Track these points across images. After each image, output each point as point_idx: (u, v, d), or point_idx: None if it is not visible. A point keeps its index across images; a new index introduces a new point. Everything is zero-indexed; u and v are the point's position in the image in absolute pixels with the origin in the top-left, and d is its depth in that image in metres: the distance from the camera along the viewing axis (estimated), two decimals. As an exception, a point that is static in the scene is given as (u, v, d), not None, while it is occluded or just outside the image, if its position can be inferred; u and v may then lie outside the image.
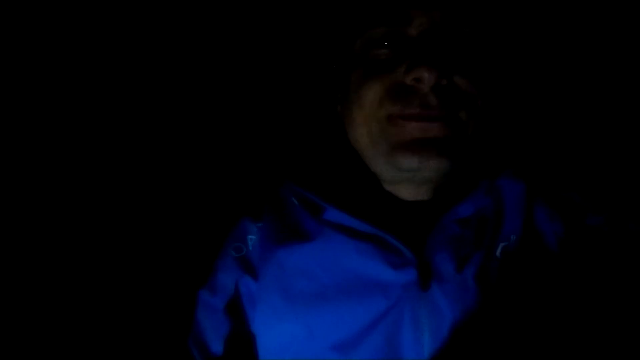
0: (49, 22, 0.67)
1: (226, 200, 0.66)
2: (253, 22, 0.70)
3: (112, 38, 0.69)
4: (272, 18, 0.68)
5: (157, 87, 0.71)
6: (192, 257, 0.62)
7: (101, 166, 0.69)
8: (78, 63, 0.69)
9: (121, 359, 0.60)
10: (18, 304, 0.61)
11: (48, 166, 0.68)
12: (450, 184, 0.50)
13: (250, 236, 0.55)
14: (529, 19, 0.58)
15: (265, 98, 0.70)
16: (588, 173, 0.54)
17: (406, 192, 0.51)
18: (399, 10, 0.46)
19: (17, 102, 0.67)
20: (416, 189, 0.50)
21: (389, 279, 0.47)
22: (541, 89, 0.64)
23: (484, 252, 0.47)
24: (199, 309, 0.54)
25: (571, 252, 0.47)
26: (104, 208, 0.68)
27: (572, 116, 0.64)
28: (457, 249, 0.47)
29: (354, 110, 0.49)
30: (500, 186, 0.51)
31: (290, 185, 0.55)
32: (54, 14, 0.67)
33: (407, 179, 0.49)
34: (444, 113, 0.45)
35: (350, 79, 0.50)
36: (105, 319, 0.63)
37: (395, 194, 0.51)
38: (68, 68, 0.69)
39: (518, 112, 0.60)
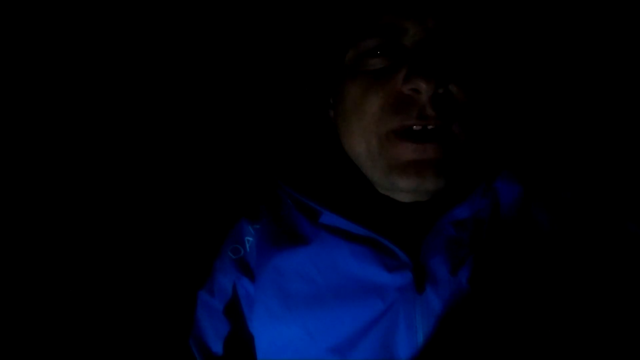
0: (49, 22, 0.67)
1: (225, 200, 0.66)
2: (248, 27, 0.69)
3: (102, 41, 0.69)
4: (266, 23, 0.68)
5: (155, 90, 0.71)
6: (192, 256, 0.63)
7: (100, 169, 0.70)
8: (77, 63, 0.69)
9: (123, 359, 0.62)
10: (18, 306, 0.63)
11: (48, 167, 0.68)
12: (447, 187, 0.50)
13: (247, 237, 0.55)
14: (523, 21, 0.57)
15: (262, 100, 0.70)
16: (586, 173, 0.53)
17: (402, 198, 0.51)
18: (393, 22, 0.46)
19: (17, 102, 0.67)
20: (412, 197, 0.50)
21: (385, 281, 0.47)
22: (538, 89, 0.63)
23: (479, 254, 0.47)
24: (199, 310, 0.55)
25: (569, 253, 0.46)
26: (104, 210, 0.69)
27: (569, 116, 0.63)
28: (452, 251, 0.47)
29: (352, 122, 0.49)
30: (497, 188, 0.51)
31: (285, 189, 0.55)
32: (54, 14, 0.67)
33: (403, 192, 0.49)
34: (440, 123, 0.45)
35: (344, 87, 0.50)
36: (107, 319, 0.64)
37: (391, 197, 0.51)
38: (68, 68, 0.69)
39: (515, 114, 0.59)
